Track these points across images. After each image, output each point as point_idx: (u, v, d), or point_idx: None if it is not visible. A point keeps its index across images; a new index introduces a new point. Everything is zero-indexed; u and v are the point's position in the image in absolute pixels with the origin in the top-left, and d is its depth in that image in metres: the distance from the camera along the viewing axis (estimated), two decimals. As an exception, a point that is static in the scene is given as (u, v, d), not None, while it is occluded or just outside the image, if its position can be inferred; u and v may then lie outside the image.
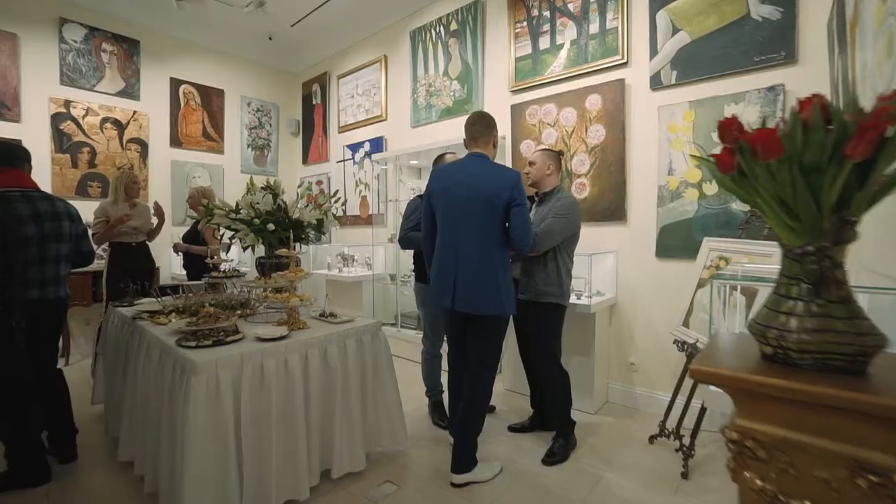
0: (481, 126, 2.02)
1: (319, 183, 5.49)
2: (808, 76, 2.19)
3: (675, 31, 2.60)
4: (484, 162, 1.99)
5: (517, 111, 3.36)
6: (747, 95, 2.35)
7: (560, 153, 2.32)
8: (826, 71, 2.07)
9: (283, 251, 2.02)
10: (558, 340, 2.30)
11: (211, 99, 5.07)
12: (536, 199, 2.34)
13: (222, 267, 2.75)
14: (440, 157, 2.58)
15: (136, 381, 1.95)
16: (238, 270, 2.79)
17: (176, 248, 3.56)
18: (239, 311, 2.33)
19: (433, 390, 2.72)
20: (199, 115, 4.98)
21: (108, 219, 3.09)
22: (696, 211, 2.57)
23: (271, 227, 2.24)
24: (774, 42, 2.26)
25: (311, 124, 5.63)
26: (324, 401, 1.88)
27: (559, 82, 3.15)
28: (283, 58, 5.63)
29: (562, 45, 3.12)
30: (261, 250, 2.49)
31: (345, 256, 4.46)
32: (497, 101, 3.54)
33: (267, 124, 5.62)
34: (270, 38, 5.23)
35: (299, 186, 2.52)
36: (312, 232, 2.50)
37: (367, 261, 4.48)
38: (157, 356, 1.80)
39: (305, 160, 5.75)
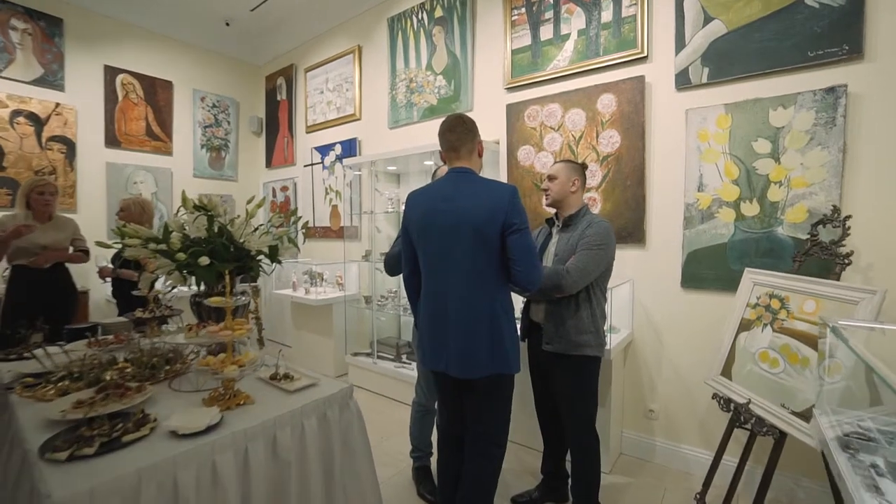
0: (461, 132, 1.56)
1: (284, 189, 4.89)
2: (878, 75, 1.80)
3: (708, 20, 2.19)
4: (468, 179, 1.53)
5: (514, 112, 2.89)
6: (799, 98, 1.95)
7: (584, 166, 1.85)
8: (907, 69, 1.69)
9: (215, 300, 1.46)
10: (594, 396, 1.85)
11: (156, 92, 4.39)
12: (558, 222, 1.88)
13: (158, 298, 2.16)
14: (435, 174, 2.09)
15: (-3, 488, 1.36)
16: (172, 308, 2.20)
17: (101, 273, 2.92)
18: (167, 368, 1.76)
19: (420, 451, 2.23)
20: (142, 110, 4.29)
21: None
22: (733, 235, 2.16)
23: (205, 260, 1.67)
24: (835, 33, 1.87)
25: (276, 123, 5.02)
26: (272, 507, 1.36)
27: (565, 79, 2.69)
28: (243, 47, 4.99)
29: (568, 36, 2.66)
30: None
31: (312, 274, 3.90)
32: (490, 99, 3.06)
33: (224, 122, 4.96)
34: (228, 24, 4.59)
35: (248, 202, 1.95)
36: (265, 262, 1.95)
37: (338, 280, 3.92)
38: (18, 463, 1.23)
39: (269, 163, 5.12)
